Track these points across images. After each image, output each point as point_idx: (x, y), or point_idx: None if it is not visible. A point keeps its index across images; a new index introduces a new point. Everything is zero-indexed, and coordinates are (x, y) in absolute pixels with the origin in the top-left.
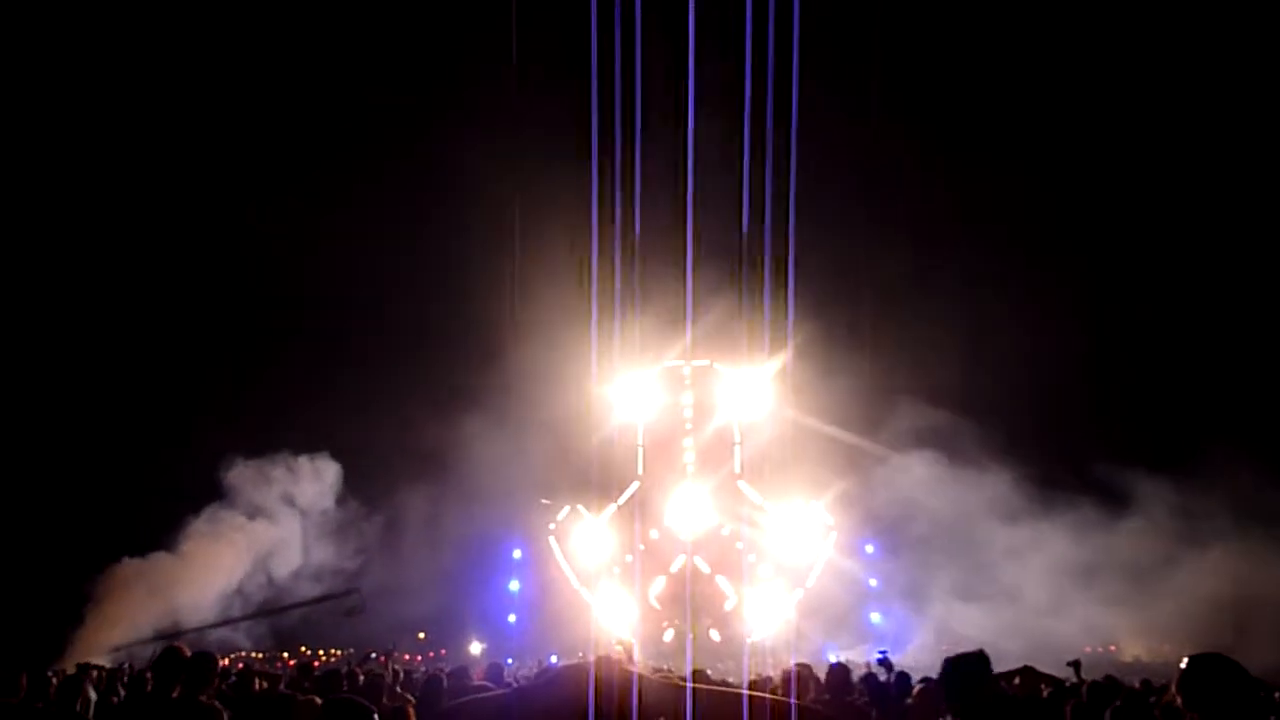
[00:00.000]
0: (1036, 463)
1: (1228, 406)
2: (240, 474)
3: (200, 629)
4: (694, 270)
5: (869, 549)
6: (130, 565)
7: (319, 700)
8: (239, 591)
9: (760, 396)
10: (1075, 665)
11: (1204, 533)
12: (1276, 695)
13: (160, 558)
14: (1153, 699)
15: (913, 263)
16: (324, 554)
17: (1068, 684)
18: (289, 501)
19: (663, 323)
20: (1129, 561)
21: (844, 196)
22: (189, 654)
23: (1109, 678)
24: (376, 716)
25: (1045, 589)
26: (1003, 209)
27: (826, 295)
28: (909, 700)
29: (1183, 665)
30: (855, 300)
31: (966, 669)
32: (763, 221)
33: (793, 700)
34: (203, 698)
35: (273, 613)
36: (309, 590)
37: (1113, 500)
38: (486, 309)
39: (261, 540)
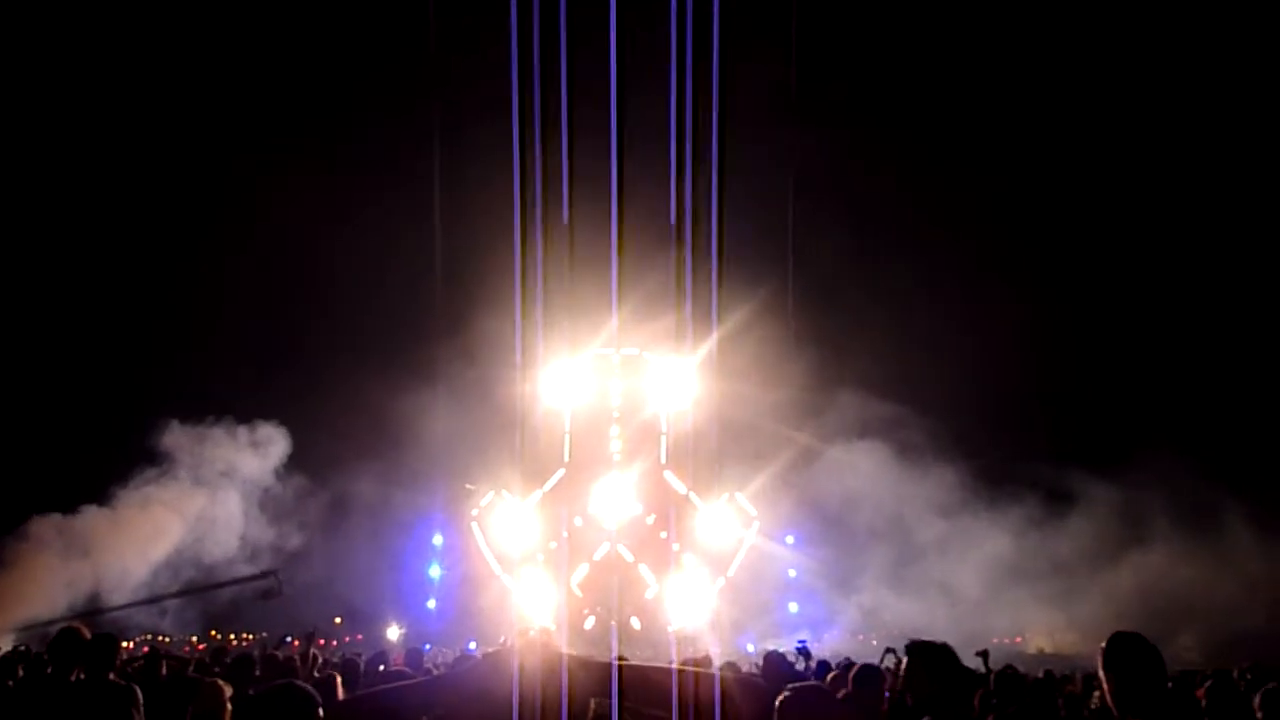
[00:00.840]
0: (975, 457)
1: (1167, 408)
2: (178, 438)
3: (109, 609)
4: (621, 257)
5: (789, 540)
6: (46, 525)
7: (225, 685)
8: (166, 566)
9: (688, 386)
10: (984, 655)
11: (1139, 534)
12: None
13: (86, 518)
14: (1064, 689)
15: (853, 256)
16: (261, 531)
17: (976, 674)
18: (229, 472)
19: (592, 310)
20: (1062, 559)
21: (781, 187)
22: (88, 635)
23: (1010, 667)
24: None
25: (975, 583)
26: (950, 204)
27: (760, 285)
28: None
29: (1103, 645)
30: (789, 291)
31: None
32: (696, 210)
33: (716, 671)
34: (110, 677)
35: (187, 594)
36: (242, 570)
37: (1051, 498)
38: (414, 291)
39: (197, 512)
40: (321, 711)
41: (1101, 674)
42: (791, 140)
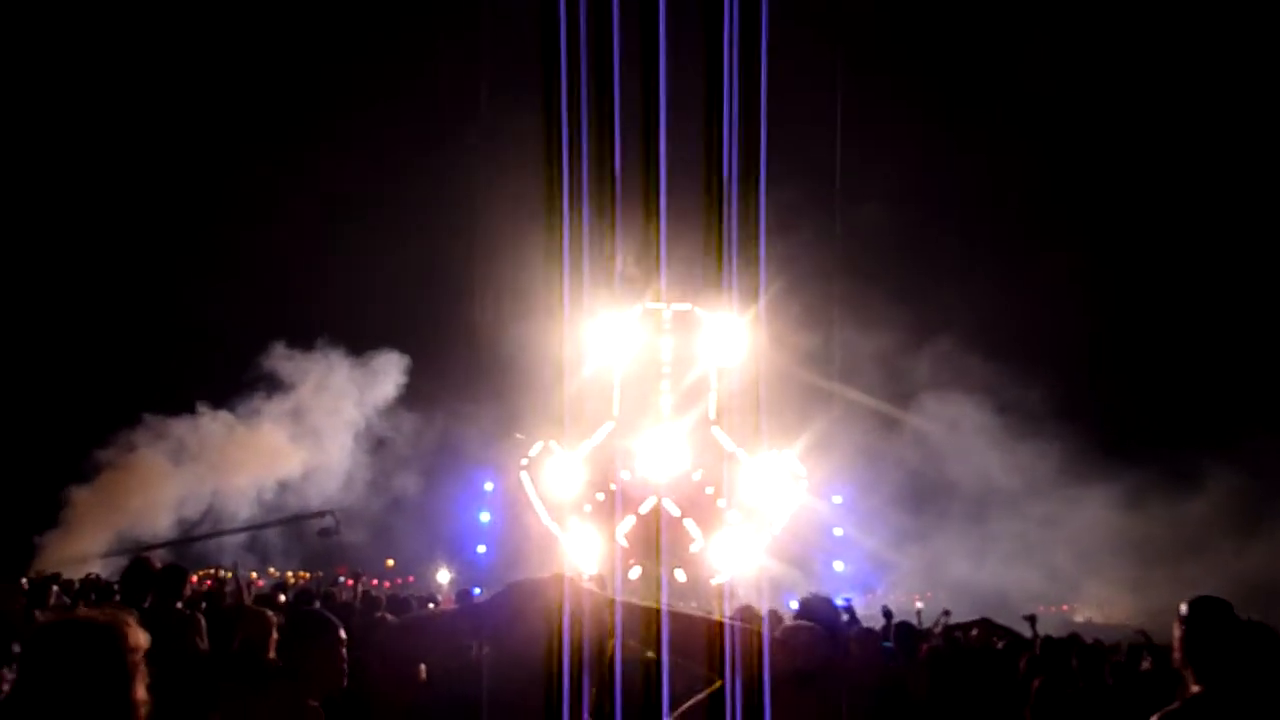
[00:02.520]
0: (1067, 434)
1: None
2: (286, 361)
3: (173, 542)
4: (668, 213)
5: (837, 499)
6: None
7: (273, 614)
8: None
9: (740, 343)
10: (1031, 620)
11: (1234, 524)
12: None
13: (203, 425)
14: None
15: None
16: (361, 465)
17: (1023, 638)
18: (345, 400)
19: (644, 264)
20: (1150, 539)
21: (828, 147)
22: (158, 566)
23: (1073, 635)
24: (340, 629)
25: (1051, 553)
26: (1026, 170)
27: (817, 243)
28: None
29: (1183, 610)
30: (844, 240)
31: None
32: (746, 166)
33: (765, 632)
34: (178, 606)
35: (249, 529)
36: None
37: (1150, 475)
38: (463, 245)
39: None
40: (343, 633)
41: (1177, 632)
42: (846, 83)
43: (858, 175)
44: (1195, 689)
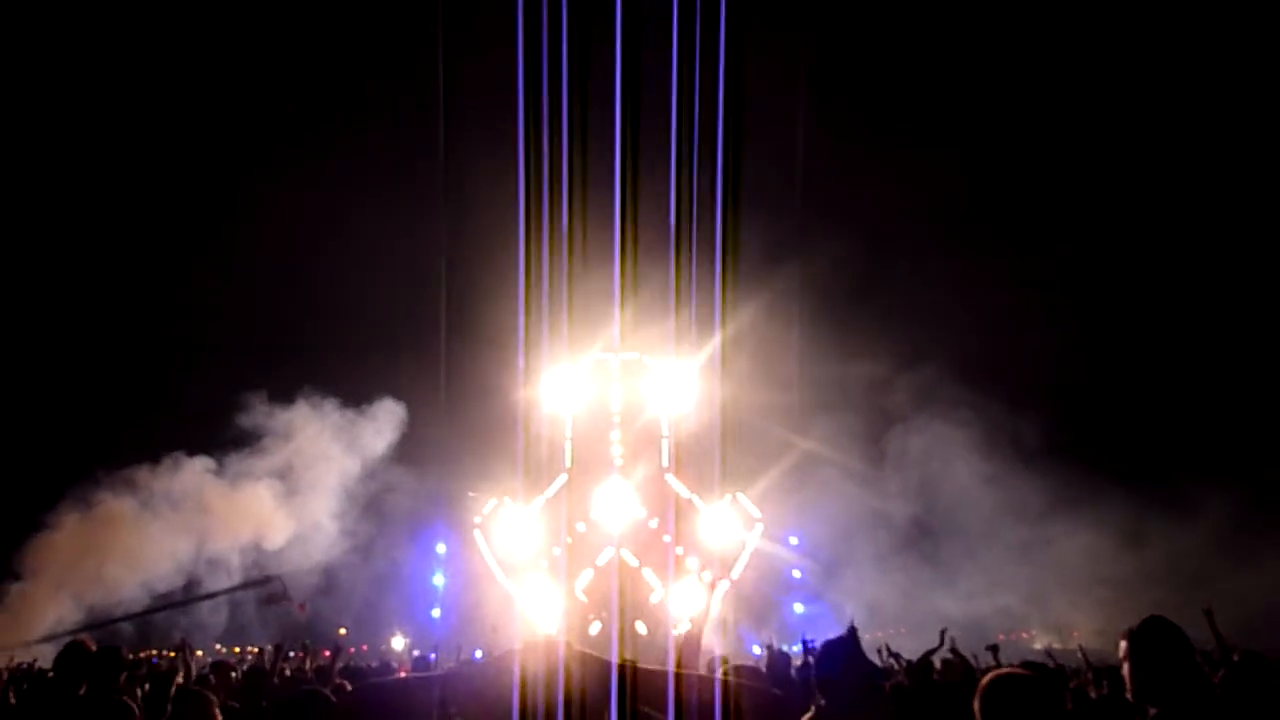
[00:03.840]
0: (1046, 464)
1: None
2: (266, 416)
3: (119, 619)
4: (623, 262)
5: (793, 540)
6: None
7: (210, 697)
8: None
9: (689, 390)
10: (994, 650)
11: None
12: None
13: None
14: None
15: (861, 260)
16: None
17: (985, 667)
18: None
19: (592, 315)
20: (1117, 569)
21: (786, 186)
22: (94, 649)
23: (1025, 663)
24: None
25: (1008, 580)
26: (973, 199)
27: (764, 287)
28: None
29: (1130, 629)
30: (793, 294)
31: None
32: (695, 213)
33: (717, 676)
34: (114, 695)
35: (188, 602)
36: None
37: (1116, 502)
38: (413, 299)
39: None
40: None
41: (1125, 659)
42: (800, 134)
43: (822, 210)
44: (1152, 711)
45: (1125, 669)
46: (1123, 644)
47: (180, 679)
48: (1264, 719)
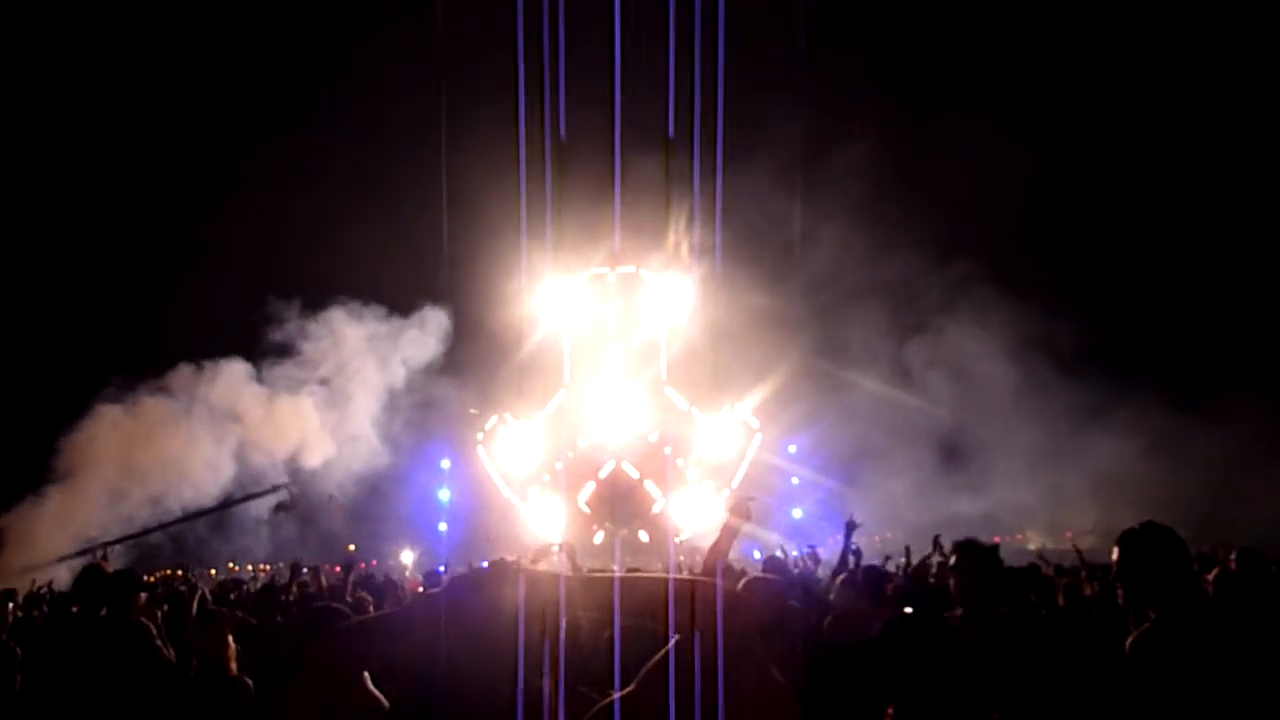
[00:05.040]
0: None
1: None
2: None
3: (124, 539)
4: (621, 175)
5: (792, 449)
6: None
7: (228, 615)
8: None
9: (687, 302)
10: (993, 549)
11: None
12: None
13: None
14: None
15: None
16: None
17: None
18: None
19: (588, 230)
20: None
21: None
22: (110, 572)
23: (1032, 565)
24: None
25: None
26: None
27: (759, 200)
28: (831, 596)
29: (1123, 533)
30: (790, 208)
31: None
32: (696, 120)
33: (720, 582)
34: (131, 616)
35: (195, 517)
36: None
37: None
38: (412, 219)
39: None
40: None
41: (1118, 563)
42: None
43: (832, 105)
44: (1151, 615)
45: (1119, 575)
46: (1115, 549)
47: (197, 601)
48: (1256, 618)
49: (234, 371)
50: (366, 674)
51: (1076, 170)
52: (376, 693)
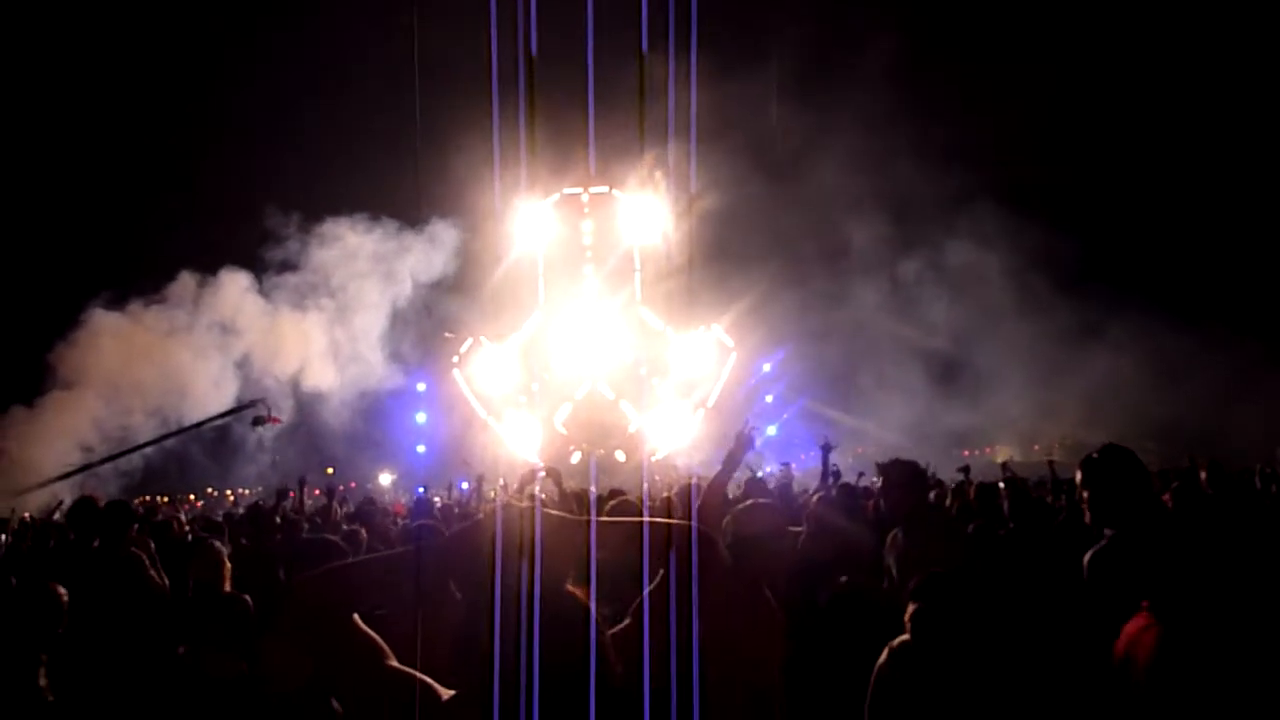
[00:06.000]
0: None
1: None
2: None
3: (114, 456)
4: (595, 90)
5: (765, 368)
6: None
7: (222, 546)
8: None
9: (661, 221)
10: (965, 470)
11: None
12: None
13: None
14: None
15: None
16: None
17: (954, 486)
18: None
19: (561, 149)
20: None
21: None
22: (102, 504)
23: (1010, 478)
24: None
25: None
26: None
27: (741, 110)
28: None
29: (1090, 456)
30: (776, 120)
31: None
32: (665, 40)
33: (694, 523)
34: (123, 547)
35: (172, 435)
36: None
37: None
38: (384, 136)
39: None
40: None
41: (1081, 485)
42: None
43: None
44: (1108, 532)
45: (1082, 495)
46: (1079, 472)
47: (187, 529)
48: (1215, 530)
49: (236, 283)
50: (357, 616)
51: (1085, 85)
52: (372, 634)
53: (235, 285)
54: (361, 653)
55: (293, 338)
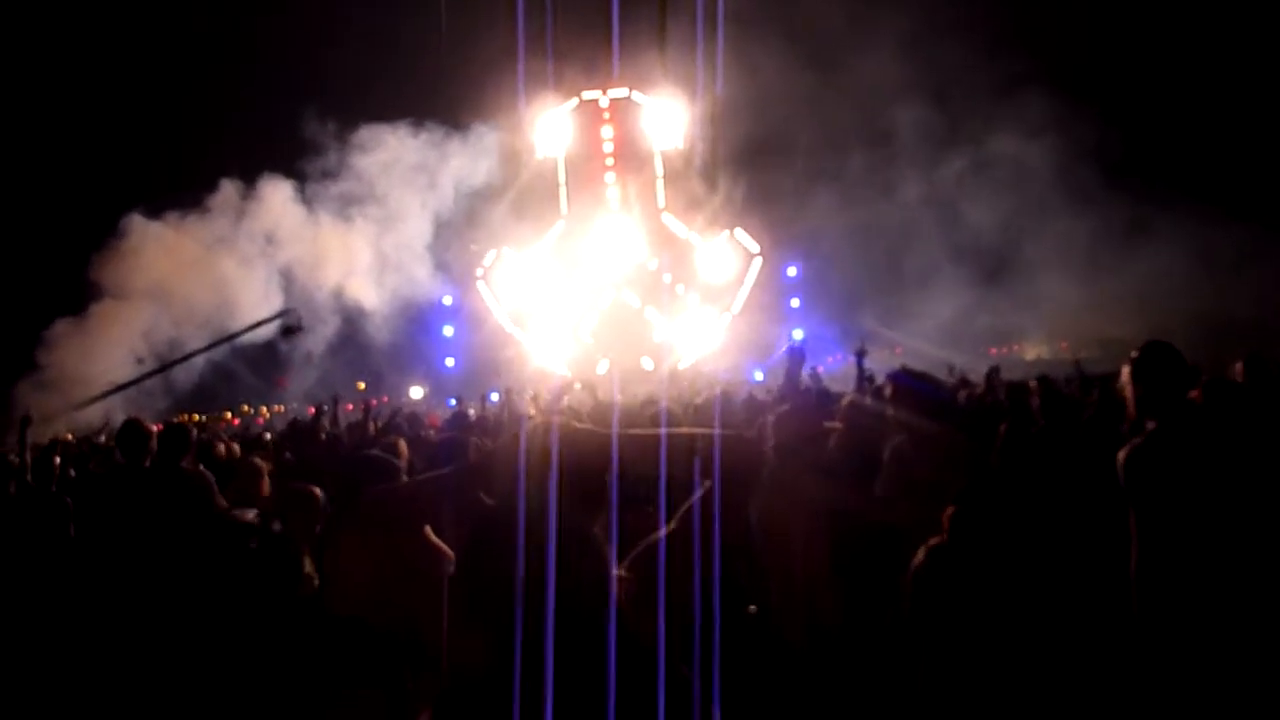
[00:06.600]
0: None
1: None
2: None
3: (149, 375)
4: None
5: (791, 271)
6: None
7: (263, 463)
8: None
9: (683, 125)
10: (994, 370)
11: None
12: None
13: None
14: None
15: None
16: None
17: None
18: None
19: (580, 53)
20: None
21: None
22: (150, 427)
23: (1043, 377)
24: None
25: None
26: None
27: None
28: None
29: (1136, 352)
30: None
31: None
32: None
33: (717, 431)
34: (183, 464)
35: (207, 349)
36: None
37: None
38: (409, 39)
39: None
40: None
41: (1129, 380)
42: None
43: None
44: (1150, 425)
45: (1128, 391)
46: (1124, 369)
47: (229, 449)
48: (1250, 424)
49: (278, 192)
50: (428, 528)
51: None
52: (441, 543)
53: (278, 195)
54: (431, 561)
55: (335, 248)
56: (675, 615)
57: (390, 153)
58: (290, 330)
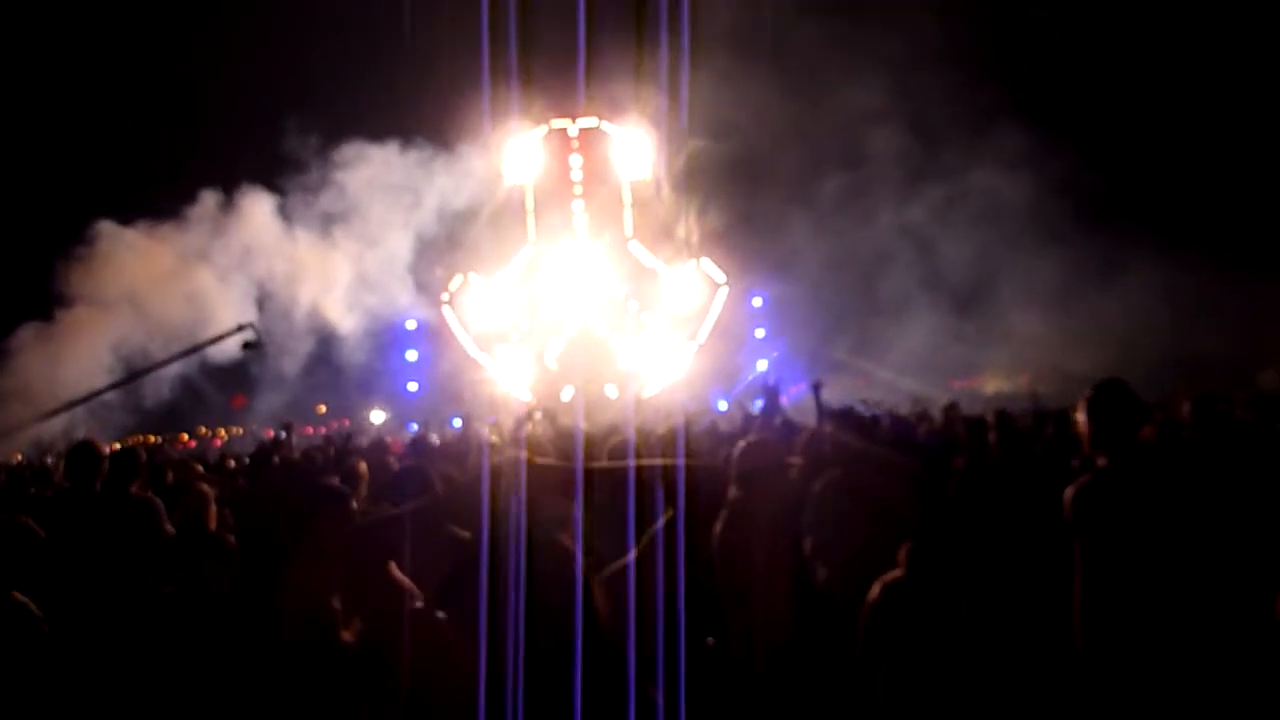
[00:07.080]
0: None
1: None
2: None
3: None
4: (586, 22)
5: (756, 302)
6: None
7: (211, 488)
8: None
9: (650, 155)
10: (954, 406)
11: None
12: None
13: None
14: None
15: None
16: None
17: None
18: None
19: (550, 82)
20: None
21: None
22: (103, 449)
23: (1000, 412)
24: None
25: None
26: None
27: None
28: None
29: (1091, 389)
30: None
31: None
32: None
33: (680, 462)
34: (132, 489)
35: (161, 366)
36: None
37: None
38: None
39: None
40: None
41: (1083, 417)
42: None
43: None
44: (1101, 461)
45: (1082, 427)
46: (1080, 407)
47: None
48: (1190, 461)
49: (259, 205)
50: (393, 564)
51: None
52: (404, 579)
53: (257, 208)
54: (394, 596)
55: (312, 266)
56: (643, 639)
57: (371, 170)
58: (249, 346)
